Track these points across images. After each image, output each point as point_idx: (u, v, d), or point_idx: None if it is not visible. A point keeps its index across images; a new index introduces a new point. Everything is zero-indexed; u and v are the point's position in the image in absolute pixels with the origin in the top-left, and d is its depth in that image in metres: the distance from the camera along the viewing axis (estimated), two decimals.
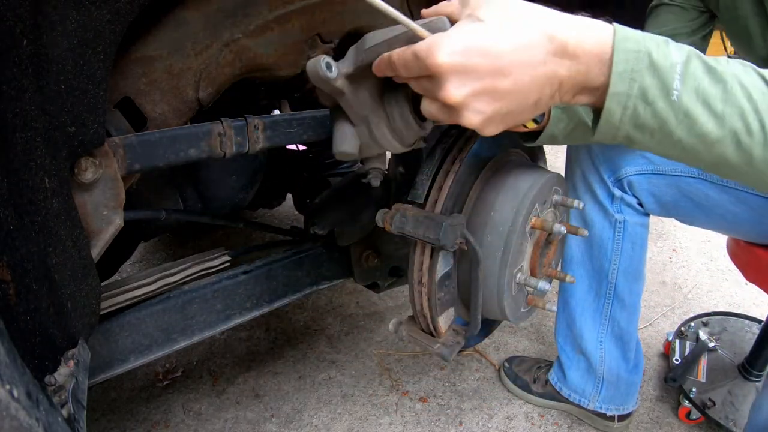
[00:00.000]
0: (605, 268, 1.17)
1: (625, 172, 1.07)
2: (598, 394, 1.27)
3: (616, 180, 1.08)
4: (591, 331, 1.23)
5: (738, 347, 1.45)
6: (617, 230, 1.12)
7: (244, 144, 0.85)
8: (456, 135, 0.90)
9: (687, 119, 0.46)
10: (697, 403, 1.28)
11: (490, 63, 0.44)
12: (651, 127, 0.47)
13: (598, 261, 1.17)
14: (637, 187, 1.07)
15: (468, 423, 1.34)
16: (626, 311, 1.20)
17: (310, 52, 0.98)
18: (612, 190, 1.09)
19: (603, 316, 1.21)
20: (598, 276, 1.19)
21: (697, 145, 0.47)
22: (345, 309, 1.85)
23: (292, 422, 1.35)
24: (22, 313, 0.48)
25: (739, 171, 0.49)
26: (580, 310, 1.24)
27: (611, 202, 1.10)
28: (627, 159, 1.07)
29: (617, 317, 1.20)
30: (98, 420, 1.37)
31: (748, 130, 0.45)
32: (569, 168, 1.19)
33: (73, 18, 0.56)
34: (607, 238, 1.13)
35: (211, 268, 1.04)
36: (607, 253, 1.15)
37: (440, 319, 0.89)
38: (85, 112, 0.60)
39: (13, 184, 0.47)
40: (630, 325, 1.22)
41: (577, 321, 1.25)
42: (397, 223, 0.81)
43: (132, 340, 0.86)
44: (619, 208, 1.11)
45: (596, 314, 1.22)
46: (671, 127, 0.46)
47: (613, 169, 1.08)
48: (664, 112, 0.46)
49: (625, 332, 1.22)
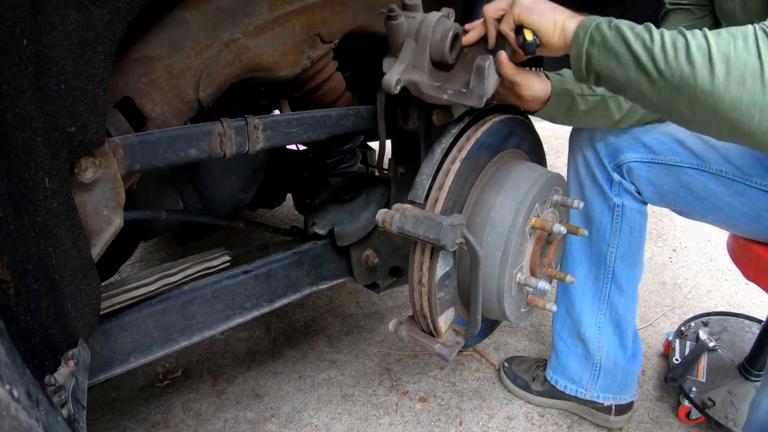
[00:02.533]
0: (604, 252, 1.18)
1: (625, 158, 1.08)
2: (596, 383, 1.27)
3: (616, 165, 1.10)
4: (590, 316, 1.24)
5: (738, 347, 1.45)
6: (615, 214, 1.14)
7: (244, 144, 0.85)
8: (456, 135, 0.90)
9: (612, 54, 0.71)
10: (697, 403, 1.28)
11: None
12: (601, 46, 0.72)
13: (597, 245, 1.19)
14: (636, 174, 1.09)
15: (468, 423, 1.34)
16: (624, 297, 1.21)
17: (310, 52, 0.98)
18: (611, 175, 1.11)
19: (602, 301, 1.23)
20: (596, 260, 1.20)
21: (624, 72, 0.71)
22: (345, 309, 1.85)
23: (292, 422, 1.35)
24: (22, 313, 0.48)
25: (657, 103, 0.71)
26: (579, 294, 1.25)
27: (610, 186, 1.12)
28: (628, 145, 1.08)
29: (615, 302, 1.22)
30: (98, 420, 1.37)
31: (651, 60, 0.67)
32: (572, 153, 1.20)
33: (73, 18, 0.56)
34: (606, 222, 1.15)
35: (211, 268, 1.04)
36: (605, 237, 1.16)
37: (440, 319, 0.89)
38: (85, 112, 0.60)
39: (13, 184, 0.47)
40: (628, 313, 1.23)
41: (576, 306, 1.25)
42: (397, 223, 0.81)
43: (132, 340, 0.86)
44: (617, 192, 1.12)
45: (595, 299, 1.23)
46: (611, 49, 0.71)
47: (613, 154, 1.10)
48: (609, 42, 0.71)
49: (623, 319, 1.23)
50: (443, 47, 0.84)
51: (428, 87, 0.87)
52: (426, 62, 0.86)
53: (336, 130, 1.00)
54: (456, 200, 0.88)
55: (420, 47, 0.86)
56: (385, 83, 0.84)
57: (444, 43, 0.84)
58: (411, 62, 0.87)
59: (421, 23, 0.84)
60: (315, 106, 1.05)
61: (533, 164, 1.02)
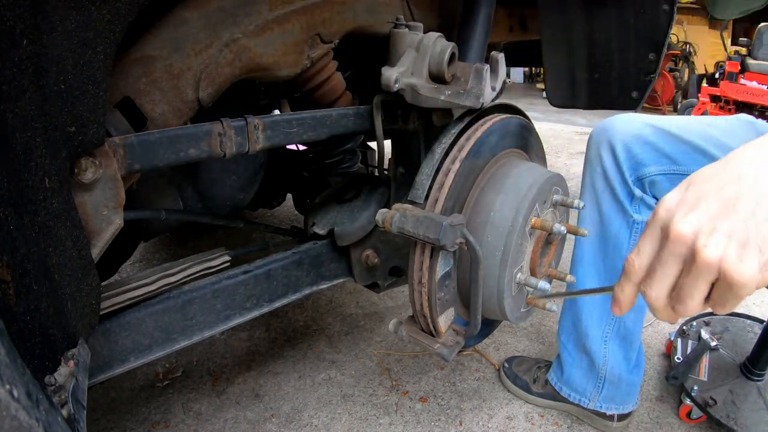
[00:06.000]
0: (618, 268, 1.15)
1: (648, 172, 1.07)
2: (599, 394, 1.27)
3: (638, 179, 1.09)
4: (596, 330, 1.23)
5: (740, 347, 1.45)
6: (634, 231, 1.12)
7: (244, 144, 0.85)
8: (456, 134, 0.90)
9: None
10: (699, 402, 1.28)
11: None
12: None
13: (612, 261, 1.17)
14: (659, 187, 1.07)
15: (468, 423, 1.34)
16: (634, 312, 1.20)
17: (310, 52, 0.98)
18: (633, 190, 1.09)
19: (610, 316, 1.21)
20: (610, 276, 1.18)
21: None
22: (345, 309, 1.85)
23: (292, 422, 1.35)
24: (22, 313, 0.48)
25: None
26: (587, 309, 1.23)
27: (631, 201, 1.10)
28: (650, 157, 1.07)
29: (625, 317, 1.20)
30: (98, 420, 1.37)
31: None
32: (589, 165, 1.18)
33: (73, 18, 0.56)
34: (623, 238, 1.13)
35: (211, 268, 1.03)
36: (622, 253, 1.14)
37: (440, 319, 0.89)
38: (85, 112, 0.60)
39: (13, 184, 0.47)
40: (636, 326, 1.22)
41: (583, 319, 1.24)
42: (397, 223, 0.81)
43: (132, 340, 0.86)
44: (638, 208, 1.10)
45: (604, 314, 1.21)
46: None
47: (634, 166, 1.08)
48: None
49: (631, 333, 1.22)
50: (442, 60, 0.89)
51: (426, 89, 0.88)
52: (425, 71, 0.91)
53: (336, 130, 0.99)
54: (456, 200, 0.88)
55: (420, 57, 0.90)
56: (384, 79, 0.86)
57: (443, 56, 0.89)
58: (410, 69, 0.90)
59: (423, 37, 0.90)
60: (315, 106, 1.05)
61: (533, 164, 1.02)
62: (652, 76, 1.32)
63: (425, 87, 0.88)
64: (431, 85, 0.90)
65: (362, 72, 1.26)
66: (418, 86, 0.88)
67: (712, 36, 7.32)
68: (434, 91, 0.88)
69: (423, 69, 0.90)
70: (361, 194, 1.19)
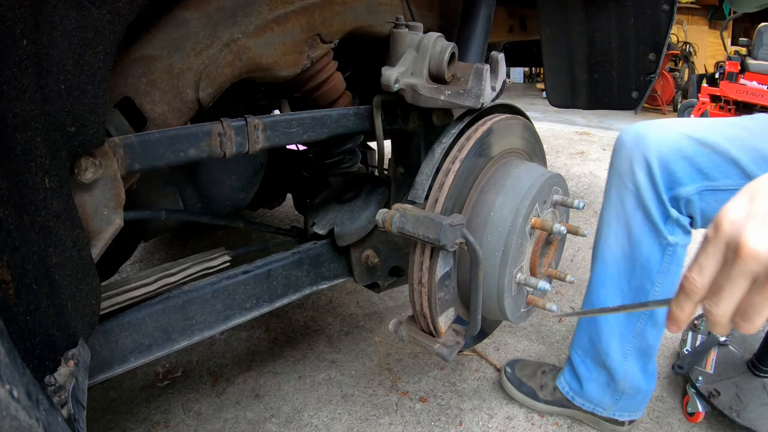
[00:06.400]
0: (646, 289, 1.10)
1: (685, 192, 1.01)
2: (616, 405, 1.24)
3: (673, 198, 1.03)
4: (618, 347, 1.18)
5: (749, 344, 1.45)
6: (667, 253, 1.07)
7: (244, 144, 0.85)
8: (456, 135, 0.90)
9: None
10: (703, 393, 1.27)
11: None
12: None
13: (639, 281, 1.11)
14: (694, 205, 1.02)
15: (468, 423, 1.34)
16: (656, 329, 1.15)
17: (310, 52, 0.98)
18: (669, 210, 1.03)
19: (633, 335, 1.16)
20: (635, 296, 1.12)
21: None
22: (345, 309, 1.85)
23: (292, 422, 1.35)
24: (22, 313, 0.48)
25: None
26: (608, 328, 1.18)
27: (665, 222, 1.04)
28: (685, 174, 1.00)
29: (647, 335, 1.16)
30: (98, 420, 1.37)
31: None
32: (617, 178, 1.09)
33: (73, 18, 0.56)
34: (654, 261, 1.08)
35: (211, 268, 1.03)
36: (650, 275, 1.09)
37: (440, 319, 0.89)
38: (85, 112, 0.60)
39: (13, 184, 0.47)
40: (656, 341, 1.18)
41: (603, 338, 1.19)
42: (397, 223, 0.81)
43: (132, 340, 0.86)
44: (672, 229, 1.05)
45: (626, 333, 1.17)
46: None
47: (672, 186, 1.02)
48: None
49: (650, 347, 1.18)
50: (442, 60, 0.89)
51: (426, 89, 0.88)
52: (425, 71, 0.91)
53: (336, 130, 1.00)
54: (456, 200, 0.88)
55: (420, 57, 0.90)
56: (384, 80, 0.86)
57: (443, 56, 0.89)
58: (410, 69, 0.90)
59: (423, 37, 0.90)
60: (315, 106, 1.05)
61: (533, 164, 1.02)
62: (652, 76, 1.32)
63: (425, 87, 0.88)
64: (431, 85, 0.90)
65: (362, 72, 1.26)
66: (418, 86, 0.88)
67: (712, 36, 7.32)
68: (434, 91, 0.88)
69: (423, 69, 0.90)
70: (361, 194, 1.19)
